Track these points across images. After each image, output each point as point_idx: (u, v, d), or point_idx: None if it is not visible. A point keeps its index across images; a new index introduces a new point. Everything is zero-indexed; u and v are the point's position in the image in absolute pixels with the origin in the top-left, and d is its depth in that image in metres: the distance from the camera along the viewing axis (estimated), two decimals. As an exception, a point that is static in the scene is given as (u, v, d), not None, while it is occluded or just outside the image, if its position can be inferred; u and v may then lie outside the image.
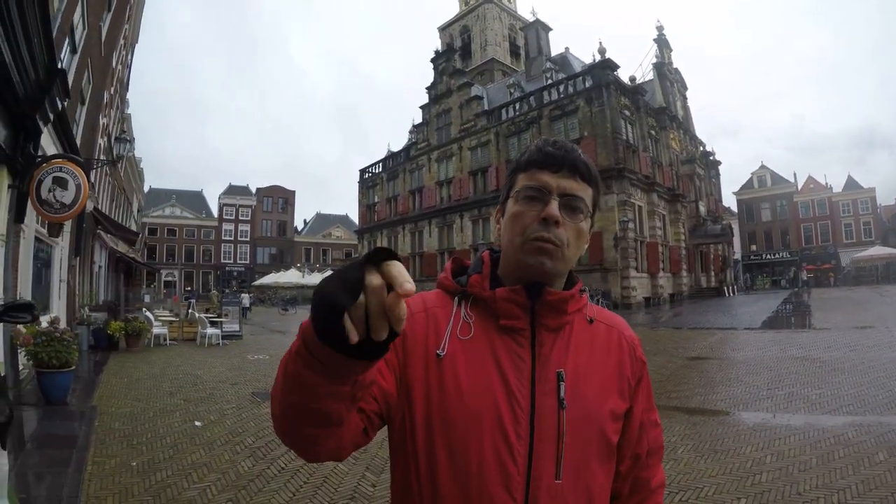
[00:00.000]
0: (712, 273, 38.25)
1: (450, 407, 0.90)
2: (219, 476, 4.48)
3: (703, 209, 36.88)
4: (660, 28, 37.06)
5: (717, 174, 45.18)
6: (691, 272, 34.72)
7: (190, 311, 20.79)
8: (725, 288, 36.67)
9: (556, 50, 40.97)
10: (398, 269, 0.60)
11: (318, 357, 0.67)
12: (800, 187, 56.84)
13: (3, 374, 2.94)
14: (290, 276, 47.08)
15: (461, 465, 0.89)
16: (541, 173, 0.97)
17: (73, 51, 10.72)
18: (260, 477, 4.47)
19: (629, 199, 27.23)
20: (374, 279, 0.60)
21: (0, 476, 2.55)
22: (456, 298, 1.01)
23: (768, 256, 56.41)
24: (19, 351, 7.04)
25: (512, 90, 35.59)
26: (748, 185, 59.81)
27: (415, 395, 0.93)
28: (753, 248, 57.73)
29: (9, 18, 4.71)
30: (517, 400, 0.91)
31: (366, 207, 47.34)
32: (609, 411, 0.97)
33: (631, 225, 26.96)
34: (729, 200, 58.27)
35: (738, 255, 54.28)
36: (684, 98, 40.56)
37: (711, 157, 43.28)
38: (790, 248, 55.09)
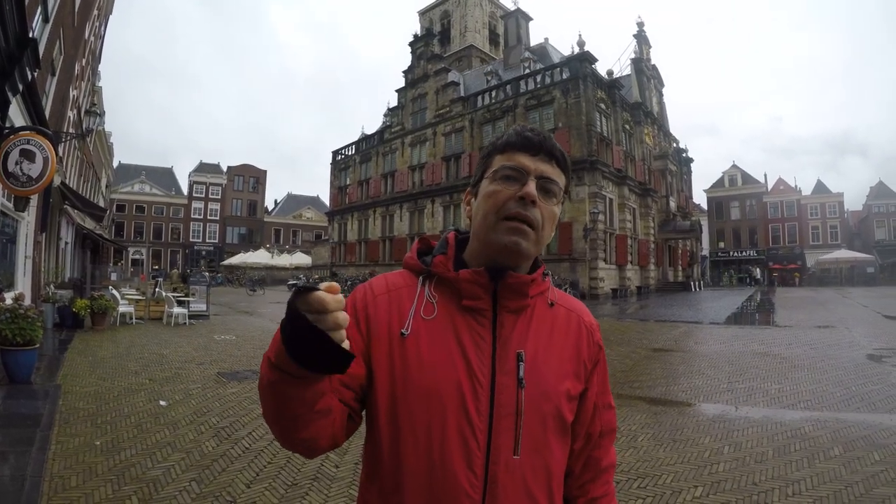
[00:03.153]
0: (680, 268, 38.97)
1: (412, 383, 0.95)
2: (183, 456, 4.47)
3: (673, 205, 37.47)
4: (640, 24, 37.26)
5: (689, 171, 45.88)
6: (659, 266, 35.30)
7: (157, 289, 20.47)
8: (692, 283, 37.37)
9: (535, 40, 41.16)
10: (321, 297, 0.73)
11: (299, 375, 0.79)
12: (770, 188, 58.05)
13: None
14: (260, 257, 46.74)
15: (423, 440, 0.93)
16: (519, 155, 1.00)
17: (45, 20, 10.39)
18: (224, 457, 4.48)
19: (600, 192, 27.46)
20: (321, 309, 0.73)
21: None
22: (420, 278, 1.05)
23: (736, 254, 57.55)
24: (-18, 328, 6.86)
25: (489, 78, 35.38)
26: (719, 184, 60.80)
27: (378, 374, 0.98)
28: (721, 245, 58.84)
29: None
30: (478, 378, 0.96)
31: (337, 189, 46.86)
32: (565, 391, 1.01)
33: (601, 217, 27.23)
34: (700, 198, 59.50)
35: (706, 252, 55.48)
36: (660, 95, 40.99)
37: (684, 155, 43.97)
38: (757, 247, 56.30)
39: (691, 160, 45.80)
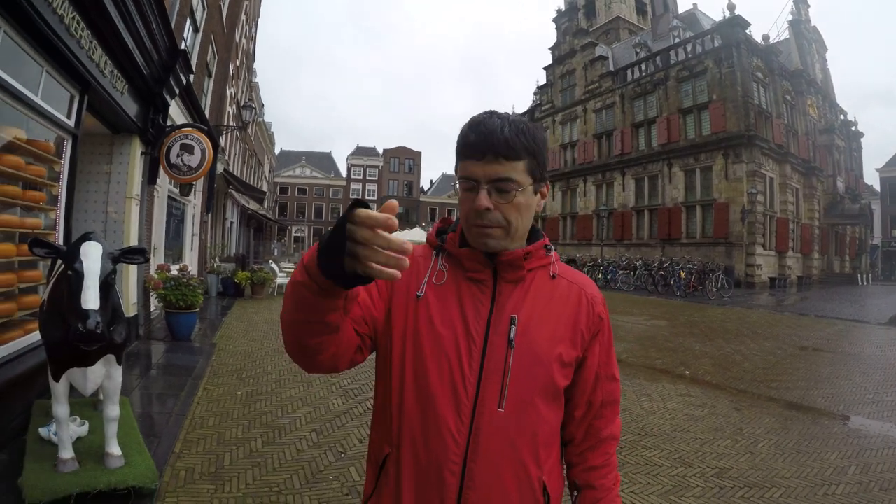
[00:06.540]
0: (846, 257, 35.12)
1: (419, 337, 1.10)
2: (310, 410, 5.02)
3: (840, 185, 33.40)
4: (799, -19, 33.51)
5: (859, 147, 39.90)
6: (823, 254, 31.94)
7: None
8: (859, 275, 33.51)
9: (683, 6, 38.60)
10: (368, 215, 0.75)
11: (320, 284, 0.84)
12: (957, 166, 49.32)
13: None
14: (415, 234, 48.54)
15: (423, 386, 1.09)
16: (469, 163, 1.08)
17: (196, 30, 11.75)
18: (346, 414, 4.96)
19: (759, 170, 25.21)
20: (356, 231, 0.76)
21: (114, 386, 3.15)
22: (435, 251, 1.20)
23: (913, 245, 49.62)
24: (151, 294, 8.12)
25: (638, 50, 33.39)
26: (894, 162, 52.80)
27: (395, 327, 1.13)
28: None
29: (126, 9, 5.34)
30: (472, 337, 1.09)
31: (488, 169, 47.06)
32: (557, 355, 1.12)
33: (760, 197, 24.93)
34: (871, 178, 50.71)
35: (877, 241, 47.75)
36: (823, 60, 36.28)
37: (853, 128, 38.54)
38: (940, 238, 48.31)
39: (861, 134, 39.88)
